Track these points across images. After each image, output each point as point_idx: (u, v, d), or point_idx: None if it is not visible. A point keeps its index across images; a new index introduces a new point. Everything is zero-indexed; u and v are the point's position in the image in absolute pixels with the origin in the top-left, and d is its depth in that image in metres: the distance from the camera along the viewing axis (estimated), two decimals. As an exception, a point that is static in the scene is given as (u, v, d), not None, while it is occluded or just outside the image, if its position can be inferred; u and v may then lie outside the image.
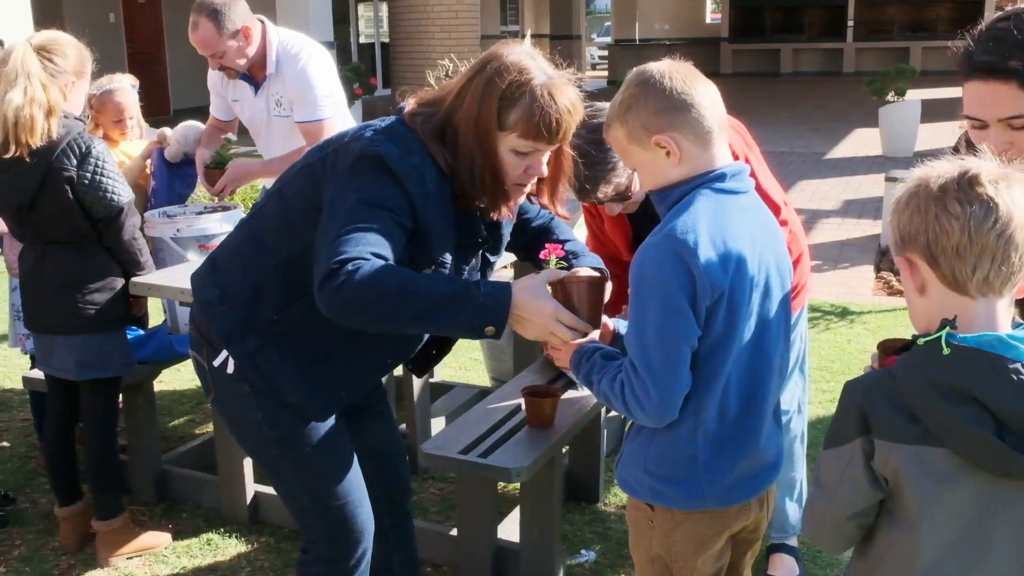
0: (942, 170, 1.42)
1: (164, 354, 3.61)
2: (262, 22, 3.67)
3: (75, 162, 2.93)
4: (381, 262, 1.86)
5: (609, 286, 2.06)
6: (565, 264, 2.13)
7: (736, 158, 2.46)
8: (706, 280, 1.73)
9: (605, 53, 28.07)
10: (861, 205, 8.50)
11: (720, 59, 24.71)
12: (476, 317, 1.88)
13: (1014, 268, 1.39)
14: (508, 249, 2.40)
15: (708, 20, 27.16)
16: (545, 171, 2.07)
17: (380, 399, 2.49)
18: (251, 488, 3.43)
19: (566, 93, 1.98)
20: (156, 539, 3.29)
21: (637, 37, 26.28)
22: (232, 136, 3.78)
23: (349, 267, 1.84)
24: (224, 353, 2.14)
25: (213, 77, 3.85)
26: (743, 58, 24.65)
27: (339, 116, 3.69)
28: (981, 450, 1.36)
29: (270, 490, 3.44)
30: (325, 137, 2.45)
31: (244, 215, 3.80)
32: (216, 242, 3.61)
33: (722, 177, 1.83)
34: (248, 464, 3.41)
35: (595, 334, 2.01)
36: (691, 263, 1.73)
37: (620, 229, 2.86)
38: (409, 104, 2.07)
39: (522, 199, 2.12)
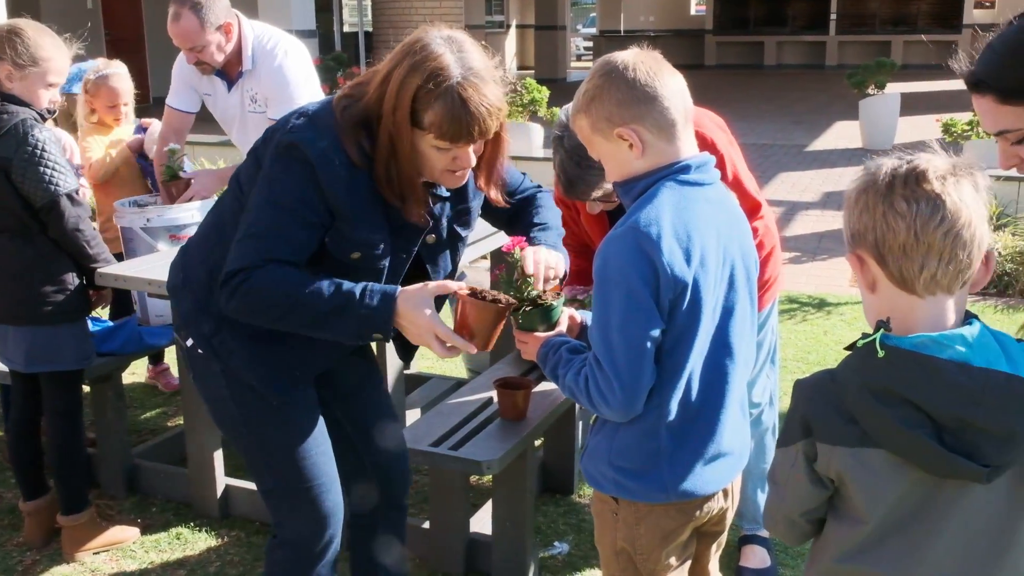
0: (891, 166, 1.40)
1: (133, 346, 3.56)
2: (237, 16, 3.62)
3: (13, 148, 2.88)
4: (274, 271, 1.94)
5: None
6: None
7: (716, 153, 2.46)
8: (669, 273, 1.72)
9: (590, 44, 28.04)
10: (840, 197, 8.48)
11: (704, 51, 24.74)
12: (360, 327, 1.96)
13: (962, 266, 1.37)
14: (492, 222, 2.38)
15: (693, 12, 27.14)
16: (473, 161, 2.03)
17: (371, 383, 2.47)
18: (222, 482, 3.40)
19: (483, 91, 1.91)
20: (124, 534, 3.26)
21: (622, 28, 26.24)
22: (175, 146, 3.69)
23: (241, 277, 1.95)
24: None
25: (181, 66, 3.78)
26: (727, 50, 24.68)
27: None
28: (917, 452, 1.36)
29: (241, 483, 3.43)
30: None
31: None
32: (188, 232, 3.58)
33: (687, 169, 1.81)
34: (219, 457, 3.38)
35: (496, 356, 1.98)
36: (654, 256, 1.71)
37: (598, 223, 2.85)
38: (344, 88, 2.08)
39: (461, 183, 2.09)
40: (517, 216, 2.34)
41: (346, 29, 19.83)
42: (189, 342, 2.20)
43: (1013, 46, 1.54)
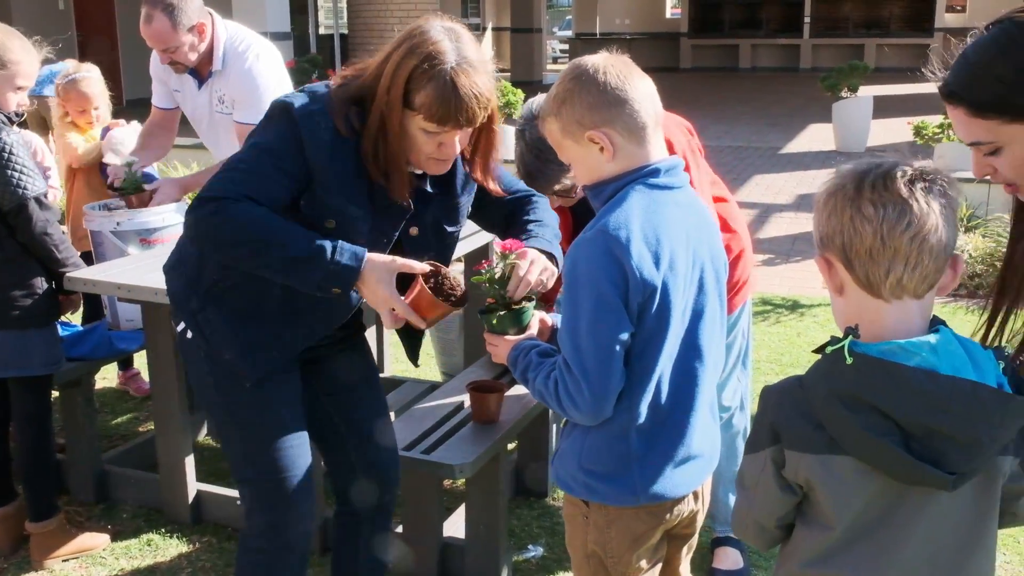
0: (860, 170, 1.40)
1: (103, 351, 3.53)
2: (211, 15, 3.59)
3: None
4: (250, 207, 1.97)
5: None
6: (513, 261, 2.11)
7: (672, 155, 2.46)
8: (638, 277, 1.72)
9: (566, 47, 28.08)
10: (814, 200, 8.55)
11: (680, 54, 24.85)
12: (324, 280, 1.99)
13: (928, 270, 1.38)
14: (485, 227, 2.39)
15: (668, 15, 27.25)
16: (457, 149, 2.09)
17: (366, 380, 2.47)
18: (193, 487, 3.37)
19: (475, 79, 1.98)
20: (93, 540, 3.22)
21: (598, 31, 26.30)
22: (133, 158, 3.66)
23: (216, 205, 1.96)
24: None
25: (155, 64, 3.75)
26: (702, 53, 24.79)
27: None
28: (884, 459, 1.36)
29: (213, 488, 3.41)
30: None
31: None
32: (159, 235, 3.56)
33: (656, 172, 1.82)
34: (190, 462, 3.36)
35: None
36: (623, 259, 1.72)
37: (561, 220, 2.84)
38: (344, 69, 2.15)
39: (444, 170, 2.14)
40: (513, 216, 2.34)
41: (322, 31, 19.77)
42: (180, 326, 2.25)
43: (986, 59, 1.53)
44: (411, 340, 2.45)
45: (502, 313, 2.02)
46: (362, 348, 2.50)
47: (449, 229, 2.27)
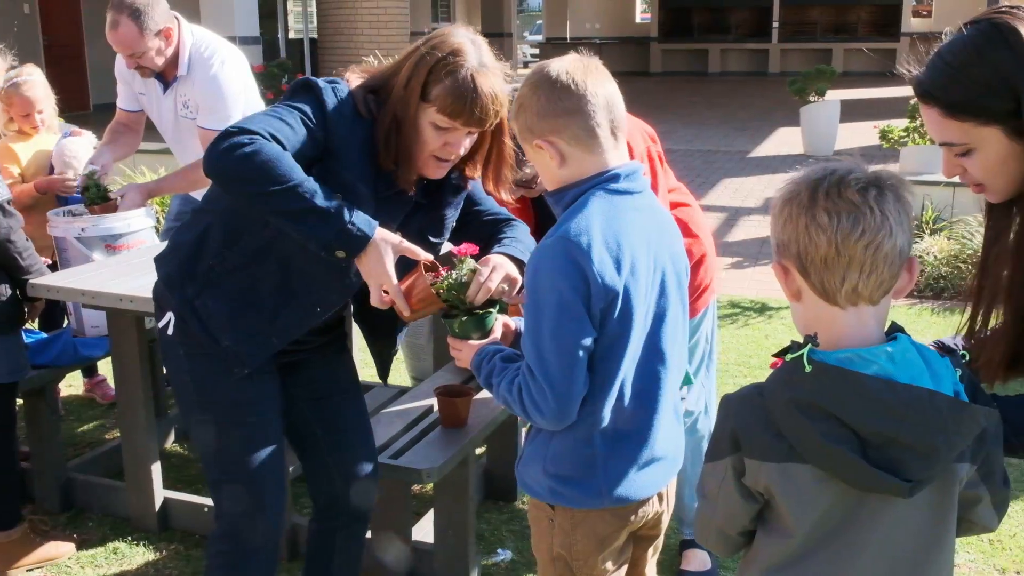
0: (814, 177, 1.41)
1: (67, 358, 3.50)
2: (177, 20, 3.57)
3: None
4: (277, 146, 1.94)
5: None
6: (474, 266, 2.12)
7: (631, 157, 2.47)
8: (600, 282, 1.73)
9: (537, 51, 28.12)
10: (770, 206, 8.61)
11: (650, 58, 24.94)
12: (335, 239, 1.96)
13: (883, 277, 1.38)
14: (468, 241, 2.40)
15: (638, 20, 27.36)
16: (461, 151, 2.13)
17: (348, 388, 2.47)
18: (160, 494, 3.35)
19: (492, 81, 2.04)
20: (58, 549, 3.19)
21: (568, 36, 26.37)
22: (94, 167, 3.63)
23: (247, 138, 1.91)
24: (168, 314, 2.21)
25: (121, 66, 3.73)
26: (672, 58, 24.91)
27: None
28: (841, 466, 1.37)
29: (179, 496, 3.39)
30: None
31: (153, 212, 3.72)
32: (124, 241, 3.53)
33: (616, 178, 1.83)
34: (157, 470, 3.33)
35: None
36: (584, 265, 1.72)
37: (523, 215, 2.85)
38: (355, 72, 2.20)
39: (441, 174, 2.18)
40: (492, 236, 2.33)
41: (291, 36, 19.68)
42: (162, 322, 2.22)
43: (963, 60, 1.54)
44: (382, 358, 2.46)
45: (465, 318, 2.03)
46: (345, 356, 2.50)
47: (433, 240, 2.29)
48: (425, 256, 2.07)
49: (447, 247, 2.33)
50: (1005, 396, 1.66)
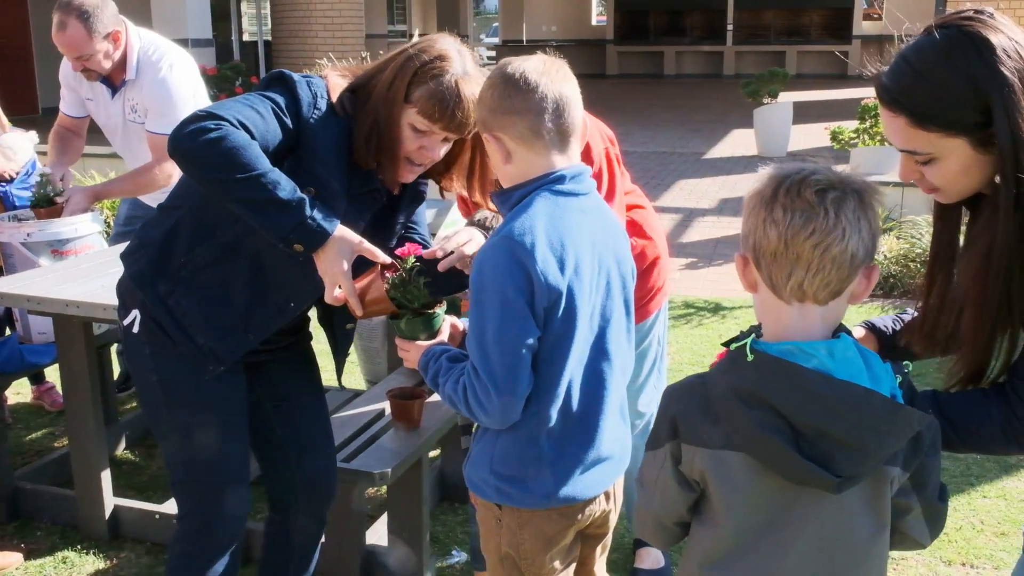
0: (781, 174, 1.43)
1: (14, 365, 3.45)
2: (124, 23, 3.54)
3: None
4: (244, 134, 1.92)
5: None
6: (419, 265, 2.13)
7: (588, 158, 2.49)
8: (543, 281, 1.74)
9: (493, 54, 28.15)
10: (736, 203, 8.67)
11: (606, 61, 25.06)
12: (293, 232, 1.95)
13: (830, 278, 1.40)
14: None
15: (594, 22, 27.48)
16: (436, 157, 2.15)
17: (311, 391, 2.47)
18: (110, 502, 3.31)
19: (474, 89, 2.04)
20: (6, 560, 3.15)
21: (525, 38, 26.42)
22: (46, 169, 3.59)
23: (213, 123, 1.89)
24: (134, 312, 2.19)
25: (66, 71, 3.69)
26: (628, 60, 25.05)
27: None
28: (773, 455, 1.39)
29: (131, 503, 3.36)
30: None
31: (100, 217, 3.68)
32: (71, 247, 3.49)
33: (561, 179, 1.84)
34: (106, 477, 3.30)
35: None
36: (528, 265, 1.74)
37: (478, 206, 2.86)
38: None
39: (412, 178, 2.20)
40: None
41: (245, 38, 19.51)
42: (127, 320, 2.20)
43: (930, 67, 1.53)
44: (339, 359, 2.46)
45: (412, 318, 2.03)
46: (308, 359, 2.49)
47: (380, 242, 2.28)
48: (383, 258, 2.07)
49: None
50: (948, 394, 1.69)
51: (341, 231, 2.01)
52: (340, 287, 2.03)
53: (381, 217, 2.27)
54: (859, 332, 1.88)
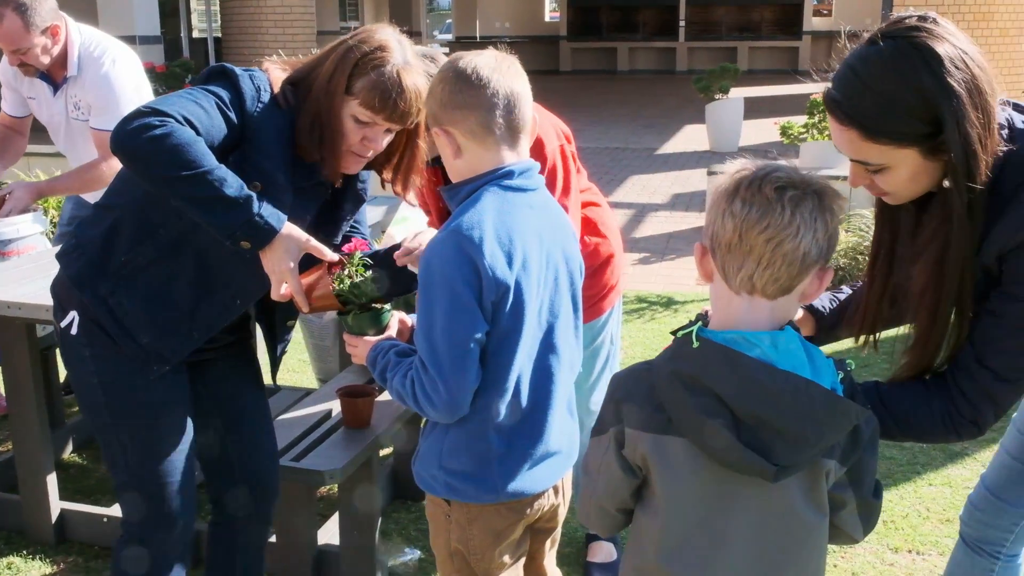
0: (747, 170, 1.46)
1: (-45, 368, 3.38)
2: (64, 18, 3.48)
3: None
4: (190, 131, 1.89)
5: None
6: (369, 260, 2.14)
7: (542, 155, 2.50)
8: (491, 275, 1.75)
9: (447, 50, 28.04)
10: (688, 198, 8.79)
11: (559, 57, 25.12)
12: (240, 229, 1.93)
13: (780, 274, 1.42)
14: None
15: (547, 18, 27.53)
16: (379, 147, 2.14)
17: (252, 390, 2.45)
18: (56, 506, 3.26)
19: (415, 79, 2.06)
20: (-52, 565, 3.09)
21: (478, 34, 26.40)
22: None
23: (157, 119, 1.86)
24: (72, 314, 2.14)
25: (6, 69, 3.62)
26: (581, 56, 25.14)
27: None
28: (712, 441, 1.41)
29: (77, 507, 3.31)
30: None
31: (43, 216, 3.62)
32: (13, 247, 3.43)
33: (510, 175, 1.85)
34: (52, 481, 3.24)
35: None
36: (476, 259, 1.74)
37: (432, 197, 2.86)
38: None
39: (357, 169, 2.19)
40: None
41: (195, 35, 19.28)
42: (64, 322, 2.15)
43: (879, 80, 1.55)
44: (274, 354, 2.45)
45: (360, 313, 2.03)
46: (250, 357, 2.47)
47: (326, 239, 2.28)
48: (331, 256, 2.07)
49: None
50: (890, 385, 1.72)
51: (288, 228, 1.99)
52: (286, 284, 2.02)
53: (326, 213, 2.26)
54: (797, 313, 1.91)
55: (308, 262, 2.07)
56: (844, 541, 1.62)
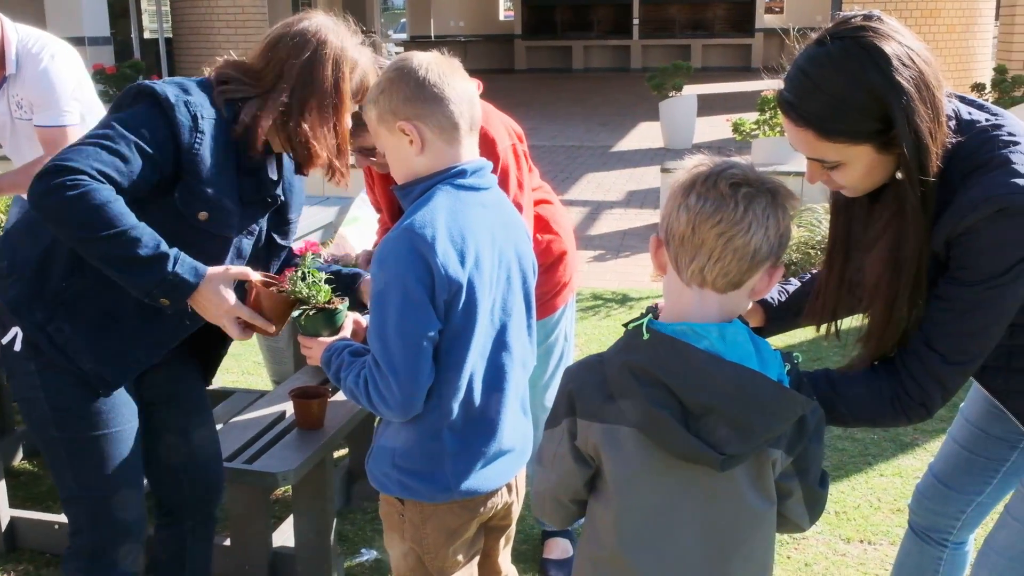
0: (704, 167, 1.48)
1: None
2: (0, 19, 3.42)
3: None
4: (106, 189, 1.88)
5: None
6: (321, 261, 2.15)
7: (494, 154, 2.50)
8: (443, 274, 1.75)
9: (401, 50, 27.99)
10: (643, 195, 8.84)
11: (514, 55, 25.13)
12: (155, 287, 1.93)
13: (730, 268, 1.45)
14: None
15: (502, 17, 27.52)
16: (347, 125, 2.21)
17: (194, 391, 2.43)
18: (6, 514, 3.21)
19: (366, 59, 2.21)
20: None
21: (432, 34, 26.34)
22: None
23: (70, 179, 1.85)
24: (14, 330, 2.10)
25: None
26: (536, 55, 25.16)
27: (85, 125, 3.45)
28: (663, 432, 1.44)
29: (28, 515, 3.26)
30: (67, 145, 2.34)
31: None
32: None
33: (463, 173, 1.86)
34: (1, 488, 3.19)
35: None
36: (429, 257, 1.75)
37: (384, 195, 2.86)
38: (217, 63, 2.17)
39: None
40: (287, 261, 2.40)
41: (146, 36, 19.04)
42: (6, 338, 2.11)
43: (831, 80, 1.58)
44: (209, 361, 2.44)
45: (315, 314, 2.02)
46: (189, 359, 2.44)
47: (280, 243, 2.32)
48: (255, 276, 2.07)
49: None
50: (840, 373, 1.75)
51: (211, 273, 1.99)
52: (238, 319, 2.03)
53: (281, 217, 2.28)
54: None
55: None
56: (791, 529, 1.65)
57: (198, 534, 2.46)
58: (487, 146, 2.56)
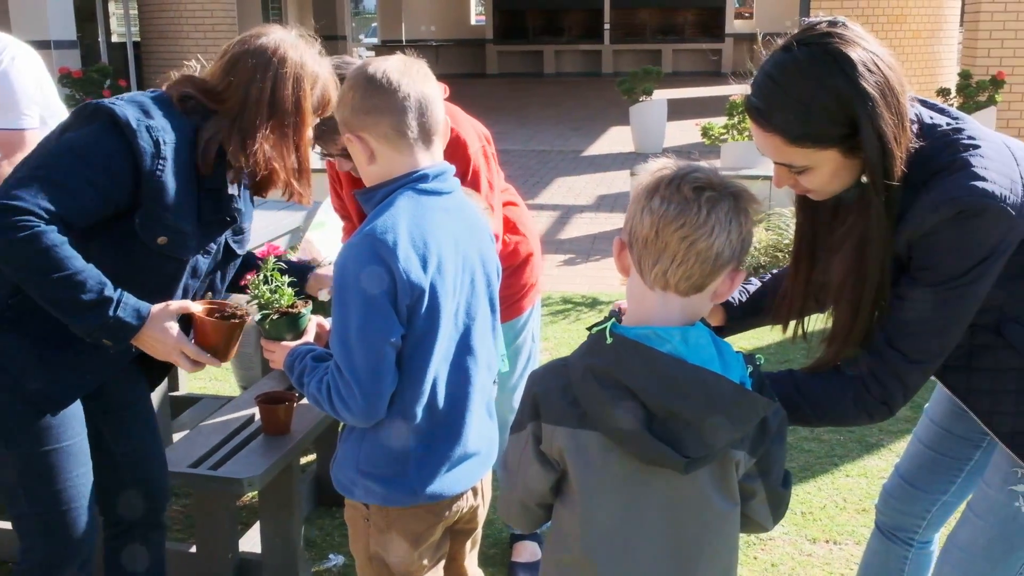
0: (669, 170, 1.49)
1: None
2: None
3: None
4: (58, 235, 1.88)
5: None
6: (283, 265, 2.13)
7: (466, 155, 2.51)
8: (405, 279, 1.75)
9: (373, 54, 27.95)
10: (613, 199, 8.87)
11: (486, 60, 25.16)
12: (97, 330, 1.95)
13: (692, 271, 1.45)
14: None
15: (473, 21, 27.56)
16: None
17: (141, 397, 2.39)
18: (-35, 522, 3.16)
19: (326, 71, 2.22)
20: None
21: (404, 38, 26.31)
22: None
23: (20, 219, 1.85)
24: None
25: None
26: (508, 59, 25.20)
27: (46, 127, 3.40)
28: (626, 435, 1.44)
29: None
30: (26, 150, 2.31)
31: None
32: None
33: (424, 178, 1.85)
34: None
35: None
36: (391, 262, 1.74)
37: (352, 203, 2.85)
38: (175, 77, 2.16)
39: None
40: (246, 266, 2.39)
41: (114, 39, 18.88)
42: None
43: (798, 86, 1.60)
44: (159, 372, 2.42)
45: (278, 319, 2.01)
46: (135, 367, 2.38)
47: (238, 251, 2.31)
48: (196, 308, 2.08)
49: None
50: (803, 373, 1.77)
51: (155, 312, 2.00)
52: (185, 355, 2.04)
53: (238, 226, 2.27)
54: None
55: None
56: (755, 530, 1.66)
57: (148, 541, 2.43)
58: (458, 148, 2.56)
